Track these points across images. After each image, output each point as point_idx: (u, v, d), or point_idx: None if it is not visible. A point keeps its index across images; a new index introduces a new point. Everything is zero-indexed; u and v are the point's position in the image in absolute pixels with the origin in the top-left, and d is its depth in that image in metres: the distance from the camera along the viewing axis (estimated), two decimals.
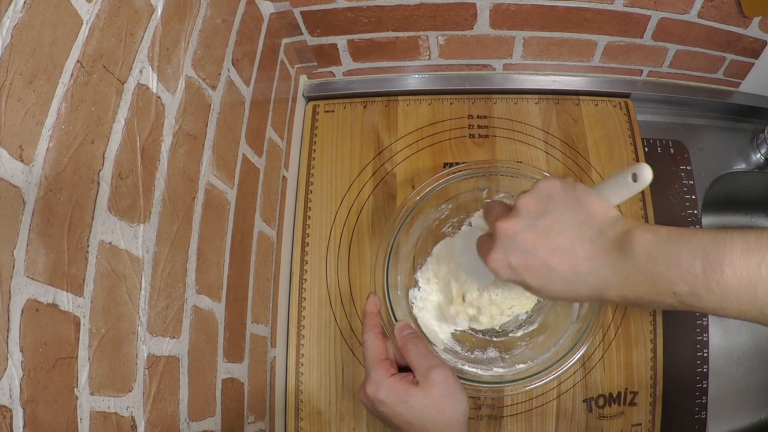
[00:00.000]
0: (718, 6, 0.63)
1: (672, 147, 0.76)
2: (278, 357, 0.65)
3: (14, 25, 0.27)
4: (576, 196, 0.41)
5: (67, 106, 0.31)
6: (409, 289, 0.63)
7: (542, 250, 0.41)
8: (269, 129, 0.64)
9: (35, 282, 0.29)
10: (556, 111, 0.76)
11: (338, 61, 0.75)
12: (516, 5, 0.65)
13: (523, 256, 0.41)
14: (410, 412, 0.46)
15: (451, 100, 0.77)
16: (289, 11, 0.65)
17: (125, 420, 0.36)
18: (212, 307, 0.49)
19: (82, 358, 0.32)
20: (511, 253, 0.42)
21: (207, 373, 0.48)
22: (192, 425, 0.44)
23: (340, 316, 0.68)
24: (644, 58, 0.73)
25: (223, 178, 0.52)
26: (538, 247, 0.41)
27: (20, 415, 0.27)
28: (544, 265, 0.41)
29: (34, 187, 0.29)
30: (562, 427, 0.64)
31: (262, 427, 0.59)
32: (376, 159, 0.74)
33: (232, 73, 0.54)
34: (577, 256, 0.39)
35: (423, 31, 0.70)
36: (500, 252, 0.43)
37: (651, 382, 0.65)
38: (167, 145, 0.42)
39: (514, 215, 0.42)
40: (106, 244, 0.35)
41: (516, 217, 0.42)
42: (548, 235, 0.41)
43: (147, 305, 0.39)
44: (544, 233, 0.41)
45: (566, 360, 0.52)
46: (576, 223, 0.40)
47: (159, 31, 0.40)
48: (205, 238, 0.48)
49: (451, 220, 0.66)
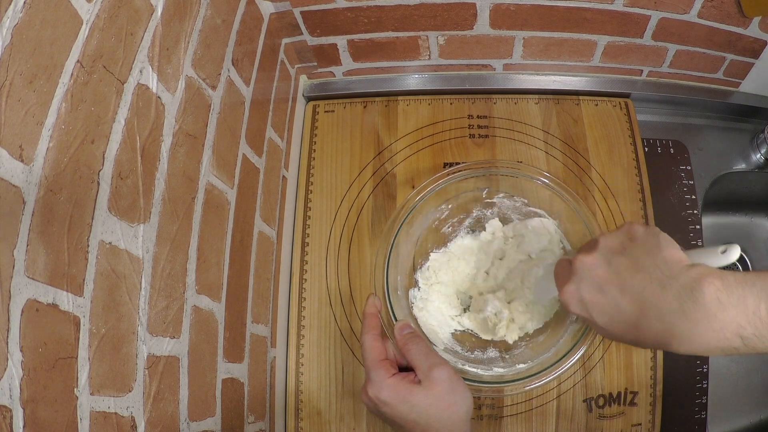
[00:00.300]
0: (718, 6, 0.63)
1: (672, 147, 0.76)
2: (278, 357, 0.65)
3: (14, 25, 0.27)
4: (657, 242, 0.42)
5: (67, 106, 0.31)
6: (409, 289, 0.63)
7: (614, 288, 0.41)
8: (269, 129, 0.64)
9: (35, 282, 0.29)
10: (556, 111, 0.76)
11: (338, 61, 0.75)
12: (516, 5, 0.65)
13: (595, 291, 0.42)
14: (414, 411, 0.46)
15: (451, 100, 0.77)
16: (289, 11, 0.65)
17: (125, 420, 0.36)
18: (212, 307, 0.49)
19: (82, 358, 0.32)
20: (584, 286, 0.43)
21: (207, 373, 0.48)
22: (192, 425, 0.44)
23: (340, 316, 0.68)
24: (644, 58, 0.73)
25: (223, 178, 0.52)
26: (610, 285, 0.41)
27: (20, 415, 0.27)
28: (613, 303, 0.41)
29: (34, 187, 0.29)
30: (562, 427, 0.64)
31: (262, 427, 0.59)
32: (376, 159, 0.74)
33: (232, 73, 0.54)
34: (646, 299, 0.40)
35: (423, 31, 0.70)
36: (574, 284, 0.44)
37: (651, 382, 0.65)
38: (167, 145, 0.42)
39: (594, 249, 0.43)
40: (106, 244, 0.35)
41: (595, 252, 0.43)
42: (622, 274, 0.41)
43: (147, 305, 0.39)
44: (617, 272, 0.41)
45: (566, 360, 0.52)
46: (650, 266, 0.40)
47: (159, 31, 0.40)
48: (205, 238, 0.48)
49: (451, 220, 0.66)
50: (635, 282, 0.40)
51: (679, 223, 0.72)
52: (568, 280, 0.44)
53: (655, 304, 0.39)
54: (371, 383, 0.48)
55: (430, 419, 0.46)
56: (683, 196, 0.73)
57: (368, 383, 0.48)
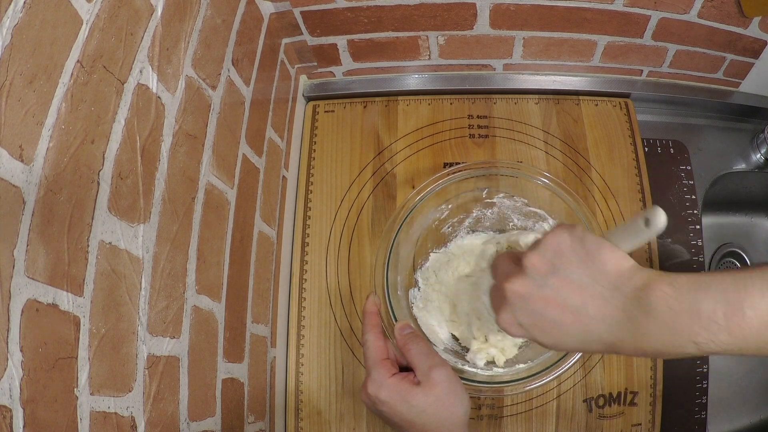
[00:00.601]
0: (718, 6, 0.63)
1: (672, 147, 0.76)
2: (278, 357, 0.65)
3: (14, 25, 0.27)
4: (586, 249, 0.39)
5: (67, 106, 0.31)
6: (409, 289, 0.63)
7: (552, 311, 0.39)
8: (269, 129, 0.64)
9: (35, 282, 0.29)
10: (556, 111, 0.76)
11: (338, 61, 0.75)
12: (516, 5, 0.65)
13: (533, 316, 0.40)
14: (412, 411, 0.46)
15: (451, 100, 0.77)
16: (289, 11, 0.65)
17: (125, 420, 0.36)
18: (212, 307, 0.49)
19: (82, 358, 0.32)
20: (521, 313, 0.41)
21: (207, 373, 0.48)
22: (192, 425, 0.44)
23: (340, 316, 0.68)
24: (644, 58, 0.73)
25: (223, 178, 0.52)
26: (548, 309, 0.40)
27: (20, 415, 0.27)
28: (555, 325, 0.40)
29: (34, 187, 0.29)
30: (562, 427, 0.64)
31: (262, 427, 0.59)
32: (376, 159, 0.74)
33: (232, 73, 0.54)
34: (589, 316, 0.38)
35: (423, 31, 0.70)
36: (509, 312, 0.42)
37: (651, 382, 0.65)
38: (167, 145, 0.42)
39: (523, 275, 0.41)
40: (106, 244, 0.35)
41: (524, 277, 0.41)
42: (558, 295, 0.39)
43: (147, 305, 0.39)
44: (553, 293, 0.39)
45: (566, 360, 0.52)
46: (588, 280, 0.38)
47: (159, 31, 0.40)
48: (205, 238, 0.48)
49: (451, 220, 0.66)
50: (575, 300, 0.38)
51: (679, 223, 0.72)
52: (501, 308, 0.42)
53: (601, 319, 0.38)
54: (371, 382, 0.48)
55: (427, 420, 0.46)
56: (683, 196, 0.73)
57: (368, 381, 0.48)
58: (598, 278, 0.38)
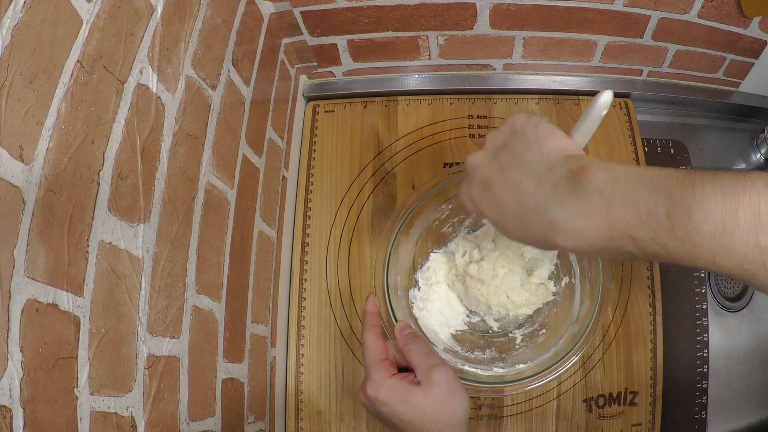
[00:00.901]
0: (718, 6, 0.63)
1: (672, 147, 0.76)
2: (278, 357, 0.65)
3: (14, 25, 0.27)
4: (537, 132, 0.39)
5: (67, 106, 0.31)
6: (409, 289, 0.63)
7: (495, 185, 0.40)
8: (269, 129, 0.64)
9: (35, 282, 0.29)
10: (556, 111, 0.76)
11: (338, 61, 0.75)
12: (516, 5, 0.65)
13: (481, 189, 0.42)
14: (411, 411, 0.46)
15: (451, 100, 0.77)
16: (289, 11, 0.65)
17: (125, 420, 0.36)
18: (212, 307, 0.49)
19: (82, 358, 0.32)
20: (473, 186, 0.43)
21: (207, 373, 0.48)
22: (192, 425, 0.44)
23: (340, 316, 0.68)
24: (644, 58, 0.73)
25: (223, 178, 0.52)
26: (493, 182, 0.41)
27: (20, 415, 0.27)
28: (497, 200, 0.40)
29: (34, 187, 0.29)
30: (562, 427, 0.64)
31: (262, 427, 0.59)
32: (376, 159, 0.74)
33: (232, 73, 0.54)
34: (524, 193, 0.38)
35: (423, 31, 0.70)
36: (466, 183, 0.44)
37: (651, 382, 0.65)
38: (167, 145, 0.42)
39: (482, 150, 0.43)
40: (106, 244, 0.35)
41: (481, 151, 0.43)
42: (502, 170, 0.40)
43: (147, 305, 0.39)
44: (499, 168, 0.40)
45: (566, 360, 0.52)
46: (529, 160, 0.39)
47: (159, 31, 0.40)
48: (205, 238, 0.48)
49: (451, 220, 0.66)
50: (513, 176, 0.39)
51: None
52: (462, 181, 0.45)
53: (533, 196, 0.37)
54: (370, 382, 0.48)
55: (426, 421, 0.46)
56: None
57: (367, 382, 0.48)
58: (538, 159, 0.38)
